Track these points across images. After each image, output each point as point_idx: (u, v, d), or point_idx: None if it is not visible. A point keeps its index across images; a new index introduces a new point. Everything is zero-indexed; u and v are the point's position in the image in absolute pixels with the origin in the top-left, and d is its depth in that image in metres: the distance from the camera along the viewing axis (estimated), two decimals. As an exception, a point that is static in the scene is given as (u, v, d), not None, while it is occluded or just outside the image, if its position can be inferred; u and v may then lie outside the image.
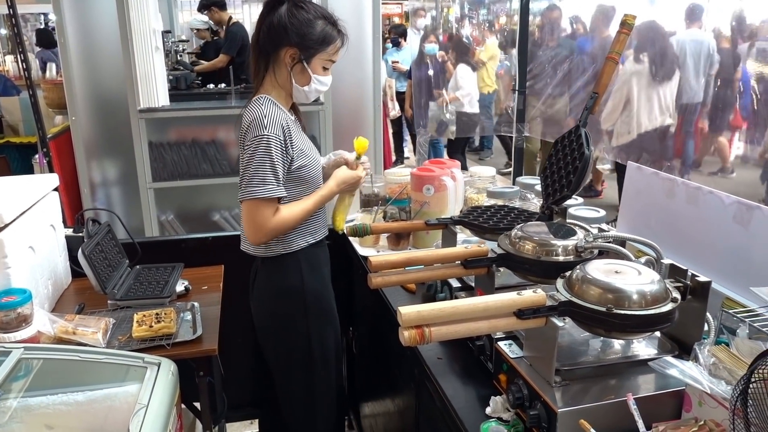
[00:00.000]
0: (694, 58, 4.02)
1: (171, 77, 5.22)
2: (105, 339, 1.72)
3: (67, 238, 2.20)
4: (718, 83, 3.83)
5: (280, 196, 1.73)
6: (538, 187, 1.87)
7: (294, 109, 1.91)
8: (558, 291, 1.19)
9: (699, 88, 3.89)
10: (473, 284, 1.56)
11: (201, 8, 6.29)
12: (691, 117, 3.89)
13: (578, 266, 1.22)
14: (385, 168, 4.85)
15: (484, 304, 1.12)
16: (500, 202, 2.09)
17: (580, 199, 2.03)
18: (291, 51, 1.74)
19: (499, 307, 1.12)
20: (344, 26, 1.80)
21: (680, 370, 1.09)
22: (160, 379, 1.56)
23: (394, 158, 7.59)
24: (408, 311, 1.08)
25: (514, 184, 2.39)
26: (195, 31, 7.19)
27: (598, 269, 1.19)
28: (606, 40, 3.73)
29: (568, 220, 1.66)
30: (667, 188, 1.76)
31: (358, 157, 1.98)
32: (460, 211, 2.20)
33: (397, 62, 7.37)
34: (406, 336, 1.08)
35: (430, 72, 6.09)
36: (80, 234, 2.15)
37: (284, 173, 1.74)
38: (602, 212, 1.91)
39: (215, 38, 6.80)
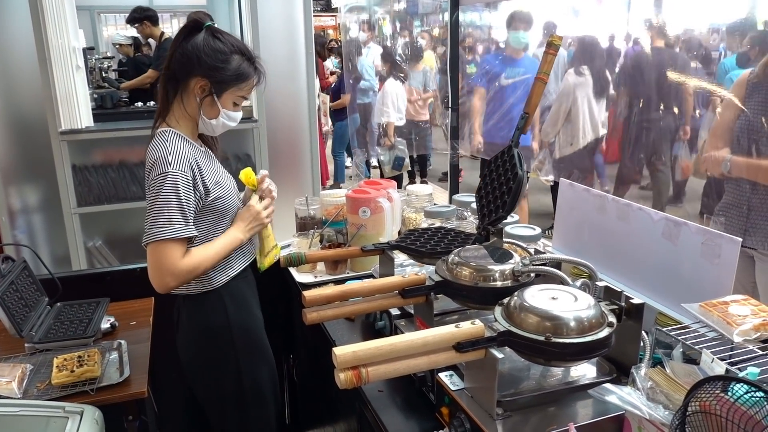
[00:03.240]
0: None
1: (96, 96, 4.99)
2: (21, 388, 1.60)
3: (-21, 277, 2.04)
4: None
5: (190, 236, 1.60)
6: (475, 205, 1.87)
7: (202, 138, 1.80)
8: (496, 319, 1.17)
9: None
10: (412, 311, 1.53)
11: (131, 21, 5.85)
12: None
13: (516, 293, 1.21)
14: (322, 184, 4.80)
15: (423, 339, 1.09)
16: (438, 222, 2.08)
17: (516, 216, 2.04)
18: (201, 82, 1.65)
19: (437, 342, 1.09)
20: (261, 64, 1.73)
21: (619, 396, 1.08)
22: (83, 430, 1.46)
23: (332, 178, 7.54)
24: (343, 352, 1.03)
25: (450, 202, 2.38)
26: (117, 47, 6.86)
27: (534, 296, 1.18)
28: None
29: (504, 240, 1.65)
30: (599, 204, 1.79)
31: (254, 190, 1.81)
32: (398, 233, 2.18)
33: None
34: (342, 378, 1.03)
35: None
36: (-7, 272, 2.00)
37: (194, 212, 1.62)
38: (538, 230, 1.92)
39: (137, 54, 6.52)
